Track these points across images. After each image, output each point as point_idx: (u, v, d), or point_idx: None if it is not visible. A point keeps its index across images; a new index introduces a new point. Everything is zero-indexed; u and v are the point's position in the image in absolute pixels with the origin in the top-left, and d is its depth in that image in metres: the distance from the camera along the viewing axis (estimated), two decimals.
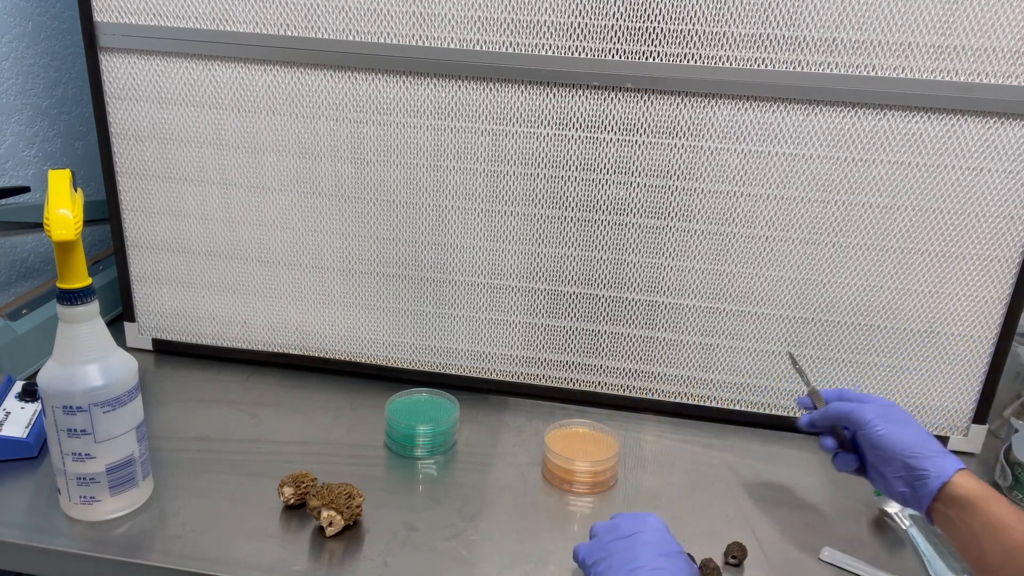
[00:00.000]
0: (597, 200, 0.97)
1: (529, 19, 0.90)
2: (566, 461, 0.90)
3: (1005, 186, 0.90)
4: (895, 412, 0.76)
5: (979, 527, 0.65)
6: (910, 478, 0.71)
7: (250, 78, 0.98)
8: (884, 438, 0.73)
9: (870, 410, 0.75)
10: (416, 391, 1.02)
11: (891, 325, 0.97)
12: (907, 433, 0.73)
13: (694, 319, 1.01)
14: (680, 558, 0.67)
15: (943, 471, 0.69)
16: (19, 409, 0.92)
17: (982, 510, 0.66)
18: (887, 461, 0.72)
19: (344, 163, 1.00)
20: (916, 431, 0.74)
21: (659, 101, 0.92)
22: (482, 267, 1.02)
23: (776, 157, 0.92)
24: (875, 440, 0.73)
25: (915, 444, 0.72)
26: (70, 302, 0.74)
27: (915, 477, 0.70)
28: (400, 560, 0.78)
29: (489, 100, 0.94)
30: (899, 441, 0.72)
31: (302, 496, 0.83)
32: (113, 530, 0.79)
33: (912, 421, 0.76)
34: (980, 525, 0.65)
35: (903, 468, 0.71)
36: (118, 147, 1.04)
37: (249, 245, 1.06)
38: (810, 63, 0.87)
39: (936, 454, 0.71)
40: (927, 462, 0.70)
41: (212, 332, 1.12)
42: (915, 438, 0.72)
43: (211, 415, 1.00)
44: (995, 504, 0.66)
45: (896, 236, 0.93)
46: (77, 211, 0.73)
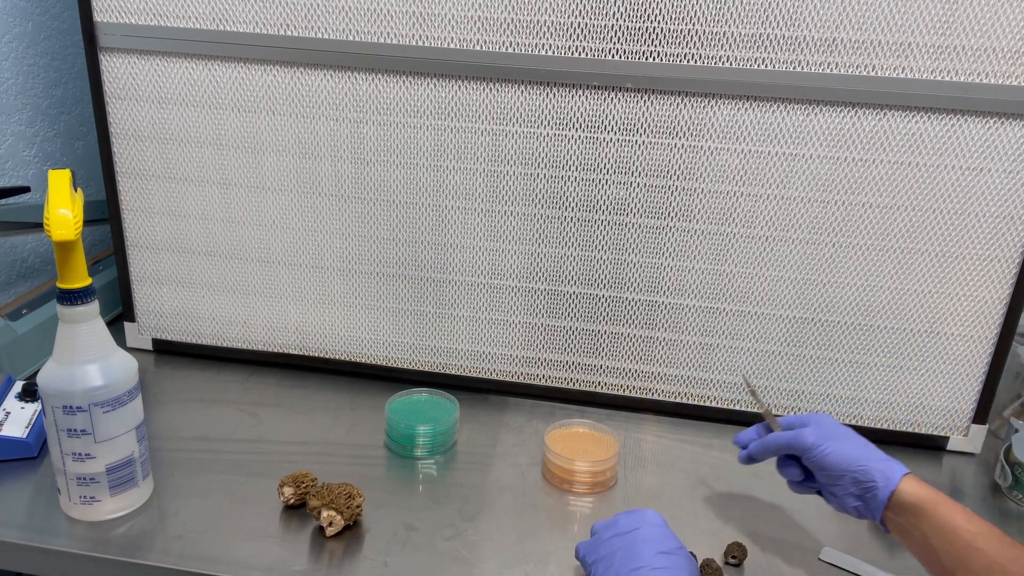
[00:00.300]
0: (597, 200, 0.97)
1: (529, 19, 0.90)
2: (566, 461, 0.90)
3: (1005, 186, 0.90)
4: (833, 428, 0.76)
5: (930, 531, 0.66)
6: (860, 491, 0.71)
7: (250, 78, 0.98)
8: (829, 457, 0.73)
9: (809, 434, 0.75)
10: (416, 391, 1.02)
11: (891, 325, 0.97)
12: (850, 447, 0.73)
13: (694, 319, 1.01)
14: (680, 554, 0.67)
15: (890, 480, 0.70)
16: (19, 409, 0.92)
17: (930, 514, 0.67)
18: (836, 479, 0.73)
19: (344, 163, 1.00)
20: (856, 443, 0.74)
21: (659, 101, 0.92)
22: (482, 267, 1.02)
23: (776, 157, 0.92)
24: (821, 461, 0.73)
25: (859, 457, 0.72)
26: (70, 302, 0.74)
27: (865, 489, 0.71)
28: (400, 560, 0.78)
29: (489, 100, 0.94)
30: (844, 457, 0.72)
31: (302, 496, 0.83)
32: (113, 530, 0.79)
33: (851, 433, 0.76)
34: (931, 529, 0.66)
35: (852, 483, 0.72)
36: (118, 147, 1.04)
37: (249, 245, 1.06)
38: (810, 63, 0.87)
39: (881, 461, 0.72)
40: (874, 472, 0.71)
41: (212, 332, 1.12)
42: (858, 450, 0.73)
43: (211, 415, 1.00)
44: (942, 507, 0.67)
45: (896, 236, 0.93)
46: (77, 211, 0.73)
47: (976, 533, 0.64)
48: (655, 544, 0.67)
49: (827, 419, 0.78)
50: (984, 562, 0.62)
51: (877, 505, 0.70)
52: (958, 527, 0.65)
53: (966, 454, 1.02)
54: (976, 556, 0.63)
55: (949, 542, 0.65)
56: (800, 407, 1.03)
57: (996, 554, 0.62)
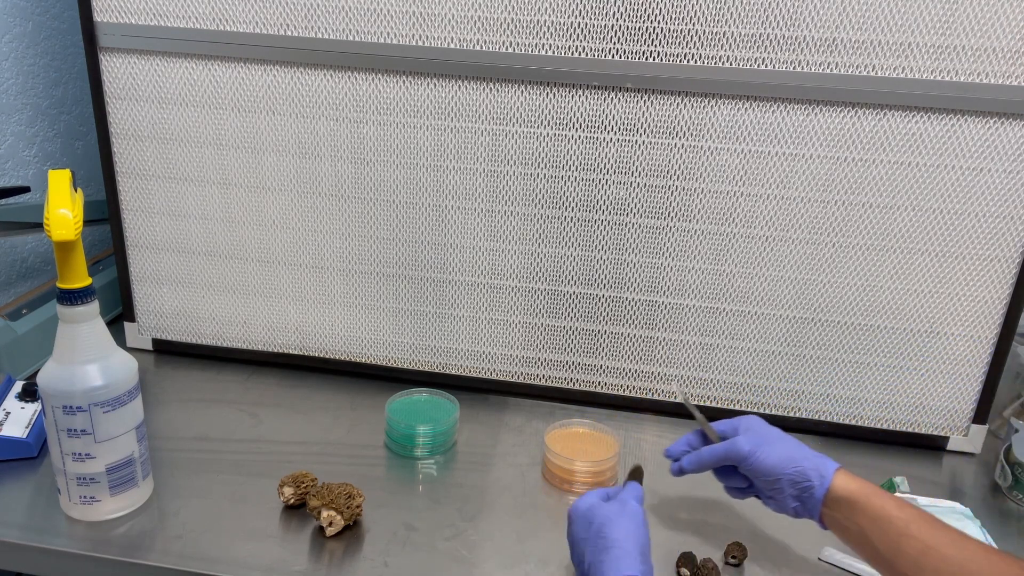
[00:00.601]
0: (597, 200, 0.97)
1: (529, 19, 0.90)
2: (566, 461, 0.90)
3: (1005, 186, 0.90)
4: (765, 432, 0.77)
5: (865, 522, 0.67)
6: (797, 492, 0.72)
7: (250, 78, 0.98)
8: (765, 463, 0.74)
9: (743, 442, 0.75)
10: (416, 391, 1.02)
11: (891, 325, 0.97)
12: (782, 449, 0.74)
13: (694, 319, 1.01)
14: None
15: (824, 477, 0.71)
16: (19, 409, 0.92)
17: (864, 505, 0.68)
18: (774, 482, 0.74)
19: (344, 163, 1.00)
20: (788, 444, 0.75)
21: (659, 101, 0.92)
22: (482, 267, 1.02)
23: (776, 157, 0.92)
24: (758, 468, 0.74)
25: (793, 457, 0.73)
26: (70, 302, 0.74)
27: (802, 490, 0.72)
28: (400, 560, 0.78)
29: (489, 100, 0.94)
30: (779, 460, 0.73)
31: (302, 496, 0.83)
32: (113, 530, 0.79)
33: (781, 434, 0.77)
34: (865, 520, 0.67)
35: (789, 484, 0.73)
36: (118, 147, 1.04)
37: (249, 245, 1.06)
38: (810, 63, 0.87)
39: (813, 459, 0.73)
40: (809, 472, 0.71)
41: (212, 332, 1.12)
42: (791, 451, 0.74)
43: (211, 415, 1.00)
44: (875, 497, 0.68)
45: (896, 236, 0.93)
46: (77, 211, 0.73)
47: (908, 520, 0.65)
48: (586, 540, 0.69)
49: (756, 422, 0.79)
50: (919, 547, 0.64)
51: (815, 504, 0.71)
52: (891, 515, 0.66)
53: (966, 454, 1.02)
54: (910, 542, 0.64)
55: (884, 531, 0.66)
56: (800, 407, 1.03)
57: (929, 538, 0.64)
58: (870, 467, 0.98)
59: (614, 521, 0.68)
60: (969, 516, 0.86)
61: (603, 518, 0.69)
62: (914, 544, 0.64)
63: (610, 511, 0.70)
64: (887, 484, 0.89)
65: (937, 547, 0.63)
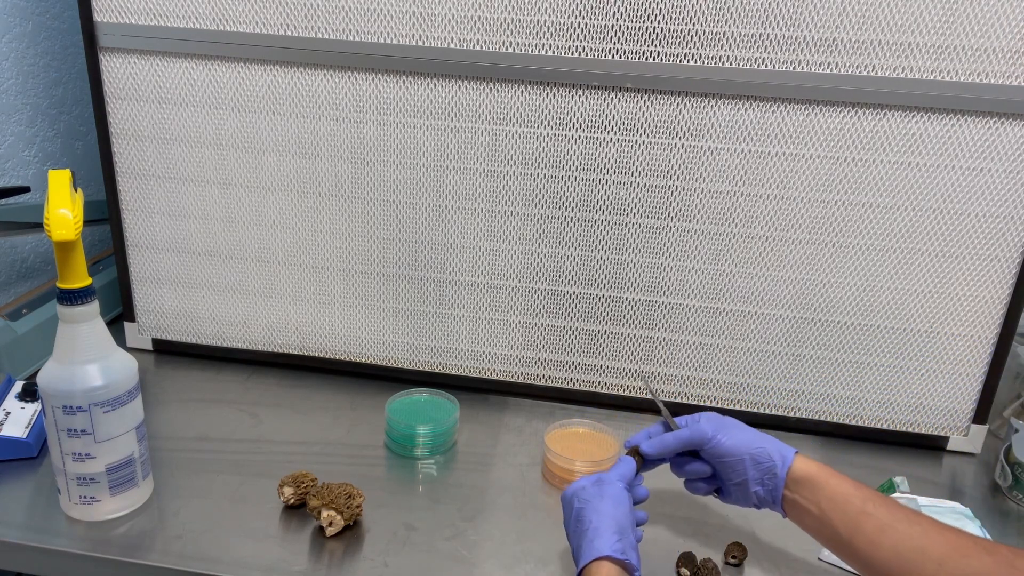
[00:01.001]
0: (597, 200, 0.97)
1: (529, 19, 0.90)
2: (566, 461, 0.90)
3: (1005, 186, 0.90)
4: (724, 419, 0.77)
5: (824, 501, 0.69)
6: (759, 474, 0.73)
7: (250, 78, 0.98)
8: (727, 443, 0.74)
9: (705, 426, 0.76)
10: (416, 391, 1.02)
11: (891, 325, 0.97)
12: (743, 433, 0.75)
13: (694, 319, 1.01)
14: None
15: (785, 457, 0.72)
16: (19, 409, 0.92)
17: (823, 484, 0.70)
18: (735, 465, 0.74)
19: (344, 163, 1.00)
20: (748, 430, 0.76)
21: (659, 101, 0.92)
22: (482, 267, 1.02)
23: (776, 157, 0.92)
24: (721, 449, 0.74)
25: (753, 439, 0.74)
26: (70, 302, 0.74)
27: (764, 471, 0.73)
28: (400, 560, 0.78)
29: (489, 100, 0.94)
30: (740, 441, 0.74)
31: (302, 496, 0.83)
32: (113, 530, 0.79)
33: (741, 423, 0.77)
34: (825, 499, 0.69)
35: (752, 465, 0.73)
36: (118, 147, 1.04)
37: (249, 245, 1.06)
38: (810, 63, 0.87)
39: (774, 441, 0.74)
40: (771, 451, 0.73)
41: (212, 332, 1.12)
42: (751, 434, 0.75)
43: (211, 415, 1.00)
44: (834, 478, 0.70)
45: (896, 236, 0.93)
46: (77, 211, 0.73)
47: (865, 498, 0.68)
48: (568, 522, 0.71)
49: (716, 415, 0.79)
50: (877, 524, 0.66)
51: (777, 484, 0.72)
52: (850, 494, 0.68)
53: (966, 454, 1.02)
54: (869, 519, 0.66)
55: (843, 510, 0.68)
56: (800, 407, 1.03)
57: (886, 515, 0.66)
58: (870, 467, 0.98)
59: (591, 503, 0.70)
60: (969, 516, 0.86)
61: (582, 502, 0.71)
62: (872, 521, 0.66)
63: (590, 494, 0.71)
64: (887, 484, 0.89)
65: (894, 524, 0.65)
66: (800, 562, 0.81)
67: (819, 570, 0.81)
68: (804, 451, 0.99)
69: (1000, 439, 1.01)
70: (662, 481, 0.92)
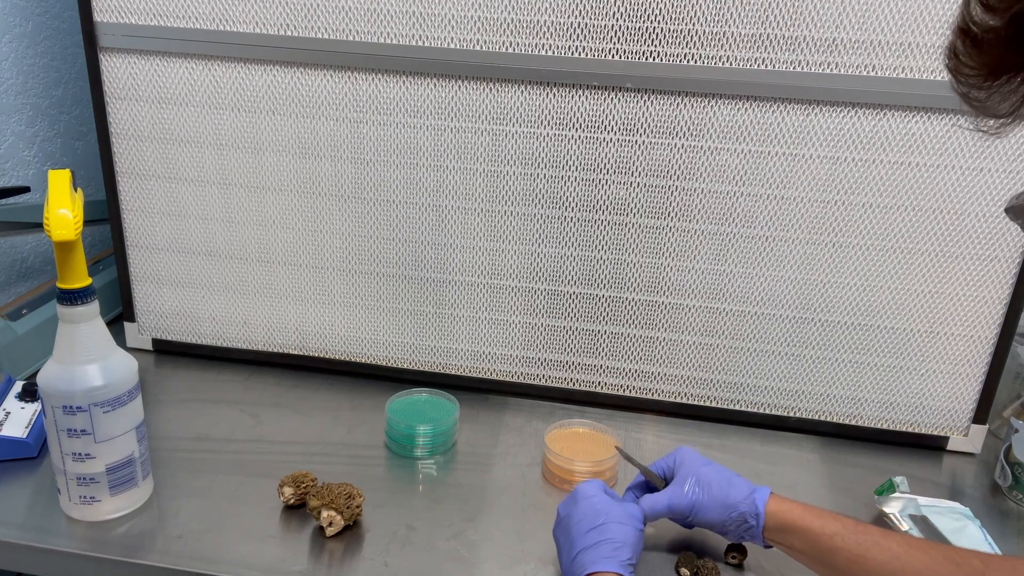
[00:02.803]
0: (597, 200, 0.97)
1: (529, 19, 0.90)
2: (566, 461, 0.90)
3: (1005, 186, 0.90)
4: (697, 471, 0.78)
5: (797, 543, 0.72)
6: (739, 531, 0.76)
7: (250, 78, 0.98)
8: (706, 516, 0.76)
9: (680, 501, 0.76)
10: (416, 391, 1.02)
11: (891, 325, 0.97)
12: (716, 491, 0.76)
13: (694, 319, 1.01)
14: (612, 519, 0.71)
15: (759, 515, 0.74)
16: (19, 409, 0.92)
17: (792, 527, 0.72)
18: (719, 527, 0.77)
19: (344, 163, 1.00)
20: (720, 482, 0.77)
21: (659, 101, 0.92)
22: (482, 267, 1.02)
23: (776, 157, 0.92)
24: (701, 522, 0.77)
25: (729, 505, 0.75)
26: (70, 302, 0.74)
27: (743, 529, 0.76)
28: (400, 560, 0.78)
29: (489, 100, 0.94)
30: (716, 509, 0.76)
31: (302, 496, 0.83)
32: (113, 530, 0.79)
33: (713, 468, 0.78)
34: (798, 541, 0.72)
35: (734, 528, 0.76)
36: (118, 147, 1.04)
37: (249, 245, 1.06)
38: (810, 63, 0.87)
39: (746, 499, 0.75)
40: (747, 515, 0.75)
41: (212, 332, 1.12)
42: (725, 495, 0.76)
43: (211, 415, 1.00)
44: (804, 518, 0.72)
45: (896, 236, 0.93)
46: (77, 211, 0.73)
47: (833, 534, 0.70)
48: (584, 522, 0.71)
49: (688, 455, 0.80)
50: (846, 557, 0.68)
51: (756, 536, 0.76)
52: (817, 532, 0.71)
53: (966, 454, 1.02)
54: (839, 554, 0.69)
55: (814, 548, 0.71)
56: (800, 407, 1.03)
57: (855, 547, 0.68)
58: (870, 467, 0.98)
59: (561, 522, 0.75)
60: (969, 516, 0.86)
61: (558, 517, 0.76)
62: (842, 555, 0.68)
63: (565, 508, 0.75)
64: (887, 484, 0.89)
65: (863, 554, 0.67)
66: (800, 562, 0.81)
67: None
68: (805, 451, 1.00)
69: (1000, 439, 1.01)
70: None
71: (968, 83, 0.47)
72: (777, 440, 1.02)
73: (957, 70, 0.47)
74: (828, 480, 0.95)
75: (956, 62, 0.47)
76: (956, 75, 0.48)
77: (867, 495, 0.91)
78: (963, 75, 0.47)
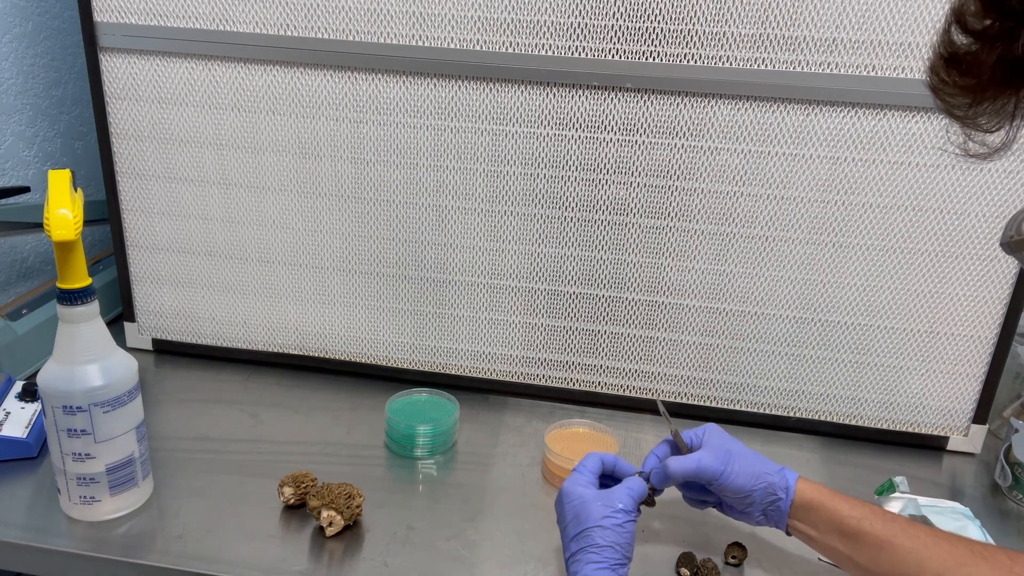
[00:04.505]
0: (597, 200, 0.97)
1: (529, 19, 0.90)
2: (566, 461, 0.90)
3: (1005, 186, 0.90)
4: (727, 446, 0.77)
5: (823, 524, 0.71)
6: (764, 505, 0.74)
7: (250, 78, 0.98)
8: (735, 482, 0.74)
9: (713, 462, 0.75)
10: (416, 391, 1.02)
11: (891, 325, 0.97)
12: (749, 466, 0.75)
13: (694, 319, 1.01)
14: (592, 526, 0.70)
15: (788, 489, 0.73)
16: (19, 409, 0.92)
17: (821, 508, 0.72)
18: (742, 498, 0.75)
19: (344, 163, 1.00)
20: (750, 458, 0.76)
21: (659, 101, 0.92)
22: (482, 267, 1.02)
23: (776, 157, 0.92)
24: (728, 488, 0.75)
25: (759, 473, 0.74)
26: (70, 302, 0.74)
27: (769, 504, 0.74)
28: (400, 560, 0.78)
29: (489, 100, 0.94)
30: (747, 478, 0.74)
31: (302, 496, 0.83)
32: (113, 530, 0.79)
33: (739, 445, 0.78)
34: (824, 523, 0.71)
35: (759, 499, 0.74)
36: (118, 147, 1.04)
37: (249, 245, 1.06)
38: (810, 63, 0.87)
39: (776, 473, 0.74)
40: (776, 487, 0.74)
41: (212, 332, 1.12)
42: (755, 466, 0.75)
43: (211, 415, 1.00)
44: (833, 500, 0.72)
45: (896, 236, 0.93)
46: (77, 211, 0.73)
47: (860, 518, 0.69)
48: (569, 527, 0.71)
49: (717, 435, 0.79)
50: (874, 541, 0.68)
51: (781, 514, 0.74)
52: (845, 515, 0.70)
53: (966, 454, 1.02)
54: (866, 538, 0.68)
55: (841, 531, 0.70)
56: (800, 407, 1.03)
57: (882, 532, 0.68)
58: (870, 467, 0.98)
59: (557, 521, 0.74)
60: (969, 516, 0.86)
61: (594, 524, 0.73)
62: (869, 539, 0.68)
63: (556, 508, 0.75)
64: (887, 484, 0.89)
65: (890, 539, 0.67)
66: (800, 562, 0.81)
67: (819, 570, 0.81)
68: (805, 451, 1.00)
69: (1000, 439, 1.01)
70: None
71: (951, 103, 0.47)
72: (777, 440, 1.02)
73: (939, 90, 0.47)
74: (828, 480, 0.95)
75: (939, 82, 0.47)
76: (939, 96, 0.48)
77: (867, 495, 0.91)
78: (946, 95, 0.47)
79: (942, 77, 0.47)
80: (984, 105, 0.46)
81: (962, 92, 0.46)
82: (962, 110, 0.47)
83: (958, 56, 0.45)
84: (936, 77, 0.47)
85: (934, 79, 0.48)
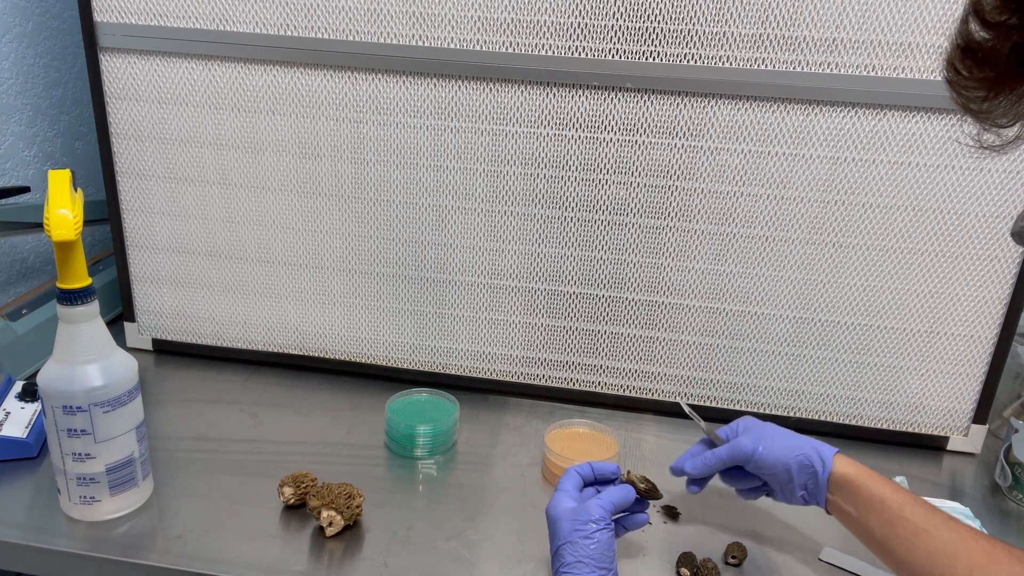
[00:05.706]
0: (597, 200, 0.97)
1: (529, 19, 0.90)
2: (566, 461, 0.90)
3: (1005, 186, 0.90)
4: (762, 428, 0.79)
5: (862, 505, 0.71)
6: (802, 479, 0.75)
7: (250, 78, 0.98)
8: (770, 456, 0.76)
9: (746, 442, 0.77)
10: (416, 391, 1.02)
11: (891, 325, 0.97)
12: (783, 441, 0.77)
13: (694, 319, 1.01)
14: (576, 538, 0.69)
15: (825, 460, 0.74)
16: (19, 409, 0.92)
17: (861, 487, 0.72)
18: (779, 474, 0.76)
19: (344, 163, 1.00)
20: (787, 435, 0.78)
21: (659, 101, 0.92)
22: (482, 267, 1.02)
23: (776, 157, 0.92)
24: (764, 462, 0.76)
25: (793, 446, 0.76)
26: (70, 302, 0.74)
27: (807, 477, 0.75)
28: (400, 560, 0.78)
29: (489, 100, 0.94)
30: (781, 451, 0.76)
31: (302, 496, 0.83)
32: (113, 530, 0.79)
33: (777, 428, 0.79)
34: (863, 503, 0.71)
35: (798, 471, 0.75)
36: (118, 147, 1.04)
37: (249, 245, 1.06)
38: (810, 63, 0.87)
39: (813, 445, 0.76)
40: (812, 456, 0.75)
41: (212, 332, 1.12)
42: (791, 440, 0.77)
43: (211, 415, 1.00)
44: (873, 481, 0.72)
45: (896, 236, 0.93)
46: (77, 211, 0.73)
47: (902, 503, 0.69)
48: (551, 545, 0.70)
49: (753, 421, 0.81)
50: (911, 528, 0.67)
51: (819, 487, 0.74)
52: (886, 498, 0.70)
53: (966, 454, 1.02)
54: (904, 524, 0.68)
55: (879, 513, 0.70)
56: (800, 407, 1.03)
57: (921, 520, 0.67)
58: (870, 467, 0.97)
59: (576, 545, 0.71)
60: (969, 516, 0.86)
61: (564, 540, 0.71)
62: (907, 526, 0.67)
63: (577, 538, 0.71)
64: None
65: (929, 529, 0.66)
66: (800, 562, 0.81)
67: (819, 570, 0.81)
68: None
69: (1000, 439, 1.01)
70: (663, 481, 0.92)
71: (967, 96, 0.47)
72: None
73: (956, 83, 0.47)
74: None
75: (955, 75, 0.47)
76: (955, 88, 0.48)
77: None
78: (962, 88, 0.47)
79: (958, 69, 0.47)
80: (1000, 99, 0.46)
81: (978, 84, 0.46)
82: (978, 103, 0.47)
83: (975, 47, 0.46)
84: (952, 70, 0.47)
85: (950, 72, 0.48)
